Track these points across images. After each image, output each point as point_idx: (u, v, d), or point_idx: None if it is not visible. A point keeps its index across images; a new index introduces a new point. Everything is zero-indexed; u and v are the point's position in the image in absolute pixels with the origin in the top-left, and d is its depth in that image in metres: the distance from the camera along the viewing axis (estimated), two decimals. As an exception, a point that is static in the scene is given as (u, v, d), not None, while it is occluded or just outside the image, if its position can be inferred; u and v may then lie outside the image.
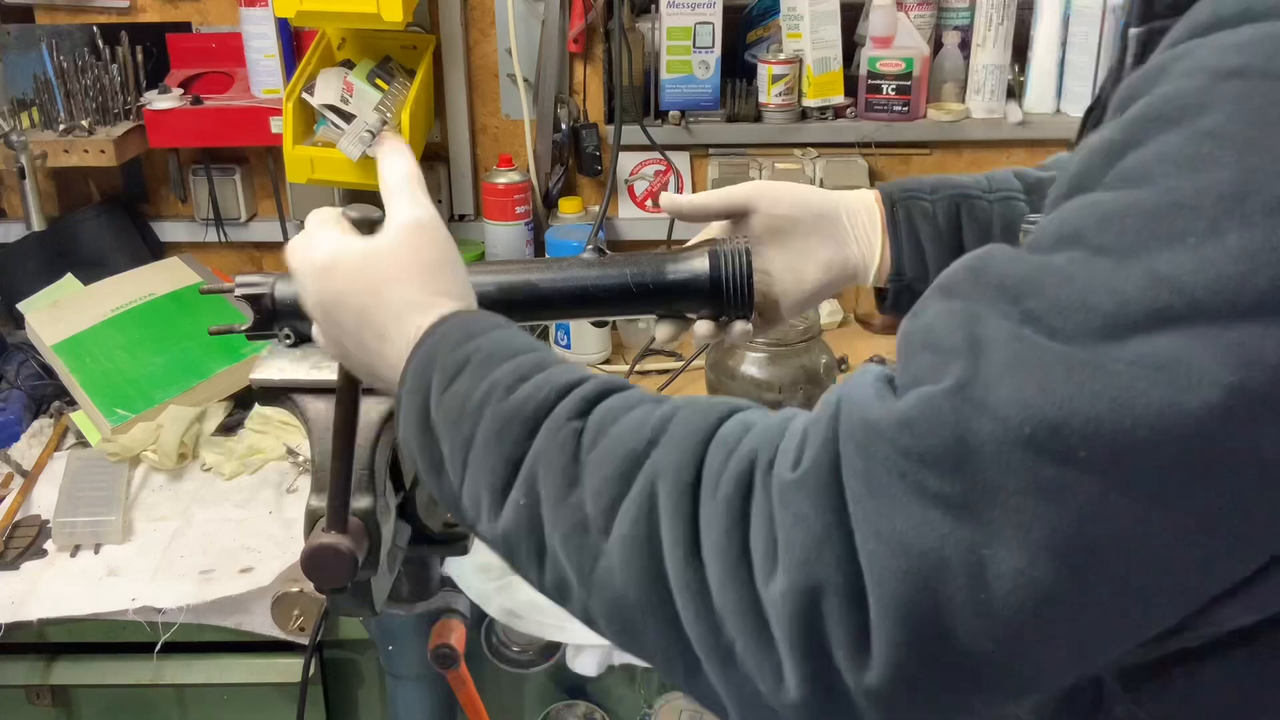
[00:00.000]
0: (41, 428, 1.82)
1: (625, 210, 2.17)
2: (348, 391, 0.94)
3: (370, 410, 1.10)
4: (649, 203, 2.17)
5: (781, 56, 2.07)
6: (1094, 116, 0.77)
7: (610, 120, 2.10)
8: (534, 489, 0.68)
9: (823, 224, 0.99)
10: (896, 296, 1.00)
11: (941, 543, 0.55)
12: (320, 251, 0.83)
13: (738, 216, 1.01)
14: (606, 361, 2.03)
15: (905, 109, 2.08)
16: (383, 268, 0.80)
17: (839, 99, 2.10)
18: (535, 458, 0.68)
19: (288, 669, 1.50)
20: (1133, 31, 0.71)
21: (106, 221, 2.11)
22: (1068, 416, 0.53)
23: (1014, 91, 2.13)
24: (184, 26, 2.08)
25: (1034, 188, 1.04)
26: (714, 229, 1.05)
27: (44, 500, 1.63)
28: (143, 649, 1.46)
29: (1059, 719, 0.72)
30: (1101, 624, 0.56)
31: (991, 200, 1.02)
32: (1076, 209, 0.59)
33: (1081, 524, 0.53)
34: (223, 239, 2.16)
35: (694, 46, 2.06)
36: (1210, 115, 0.55)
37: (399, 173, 0.85)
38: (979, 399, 0.55)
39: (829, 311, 2.14)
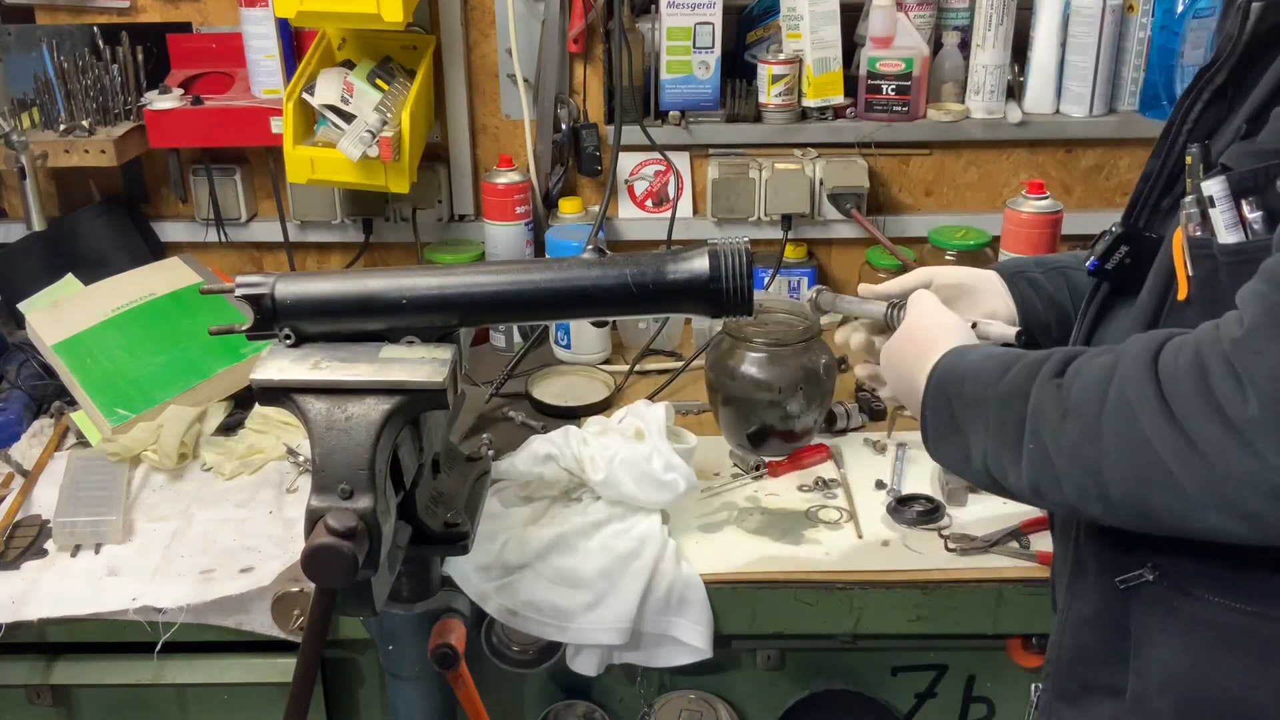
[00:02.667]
0: (42, 428, 1.82)
1: (625, 210, 2.17)
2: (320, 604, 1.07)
3: (370, 410, 1.10)
4: (649, 203, 2.17)
5: (781, 56, 2.07)
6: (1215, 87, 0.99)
7: (610, 120, 2.10)
8: (1037, 432, 0.94)
9: (981, 286, 1.34)
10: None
11: None
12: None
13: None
14: (606, 362, 2.02)
15: (905, 109, 2.08)
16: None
17: (839, 99, 2.10)
18: (1034, 412, 0.95)
19: (288, 669, 1.49)
20: (1255, 5, 0.93)
21: (107, 221, 2.11)
22: None
23: (1013, 91, 2.13)
24: (184, 26, 2.08)
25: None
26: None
27: (44, 500, 1.63)
28: (143, 649, 1.46)
29: None
30: None
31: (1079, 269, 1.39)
32: None
33: None
34: (223, 239, 2.17)
35: (694, 46, 2.07)
36: None
37: None
38: None
39: (829, 311, 2.14)
